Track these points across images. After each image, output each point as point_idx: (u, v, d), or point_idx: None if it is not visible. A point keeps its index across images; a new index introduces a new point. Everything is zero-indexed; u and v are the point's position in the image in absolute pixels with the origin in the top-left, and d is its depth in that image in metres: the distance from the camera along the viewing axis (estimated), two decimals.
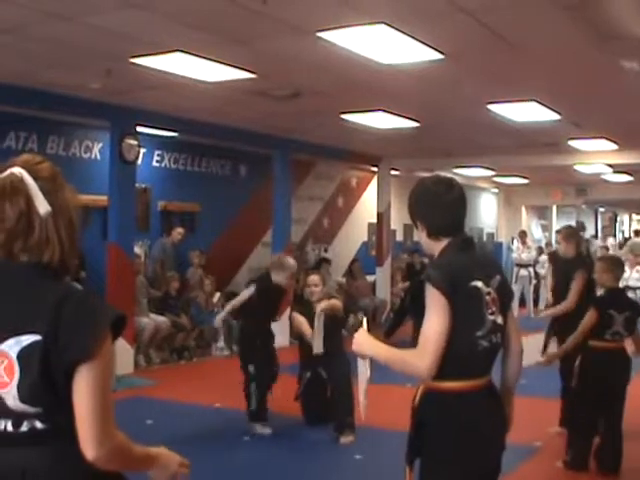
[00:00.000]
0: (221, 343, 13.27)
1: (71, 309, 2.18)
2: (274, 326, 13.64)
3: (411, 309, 3.44)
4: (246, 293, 8.45)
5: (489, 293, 3.34)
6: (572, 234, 8.24)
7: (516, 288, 20.04)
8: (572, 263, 7.97)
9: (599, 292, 7.57)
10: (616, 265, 6.97)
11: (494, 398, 3.44)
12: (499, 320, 3.38)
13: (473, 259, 3.47)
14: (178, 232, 13.77)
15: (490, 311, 3.33)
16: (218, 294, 13.69)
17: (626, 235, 31.77)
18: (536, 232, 28.49)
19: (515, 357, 3.59)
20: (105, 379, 2.21)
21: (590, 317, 6.63)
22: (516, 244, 21.12)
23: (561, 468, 6.84)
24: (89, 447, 2.19)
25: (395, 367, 3.32)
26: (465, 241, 3.50)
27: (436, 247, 3.46)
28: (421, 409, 3.40)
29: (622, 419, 6.73)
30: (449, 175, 3.70)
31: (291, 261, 8.55)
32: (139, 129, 11.65)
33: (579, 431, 6.80)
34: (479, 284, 3.31)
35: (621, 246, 25.06)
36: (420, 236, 3.54)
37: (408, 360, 3.27)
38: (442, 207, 3.44)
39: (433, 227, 3.46)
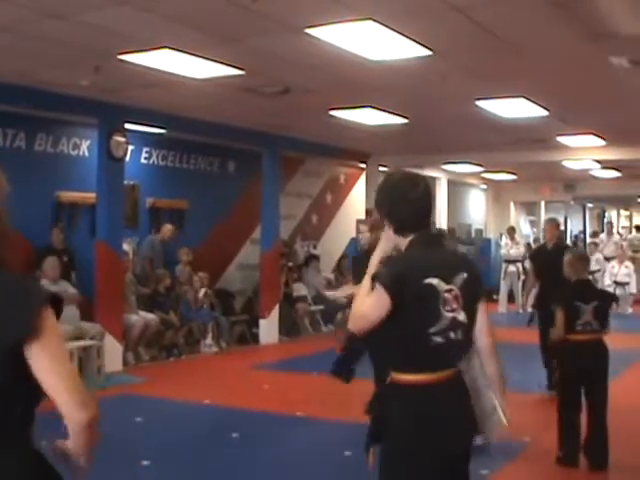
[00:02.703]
0: (209, 340, 13.27)
1: (1, 294, 2.24)
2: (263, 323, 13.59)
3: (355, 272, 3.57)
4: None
5: (449, 290, 3.39)
6: None
7: (504, 284, 20.12)
8: None
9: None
10: (580, 259, 7.03)
11: (456, 391, 3.49)
12: (460, 317, 3.42)
13: (433, 256, 3.50)
14: (168, 229, 13.72)
15: (449, 308, 3.38)
16: (203, 290, 13.63)
17: (614, 231, 31.77)
18: (524, 228, 28.53)
19: (484, 355, 3.63)
20: (62, 351, 2.30)
21: (559, 315, 6.71)
22: (505, 240, 21.15)
23: (550, 463, 6.86)
24: (76, 410, 2.27)
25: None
26: (429, 237, 3.58)
27: (402, 243, 3.53)
28: (379, 399, 3.54)
29: (605, 414, 6.72)
30: (415, 171, 3.78)
31: None
32: (127, 126, 11.63)
33: (565, 426, 6.81)
34: (434, 281, 3.36)
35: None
36: (388, 233, 3.59)
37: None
38: (406, 204, 3.50)
39: (398, 223, 3.52)
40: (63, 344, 2.35)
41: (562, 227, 12.06)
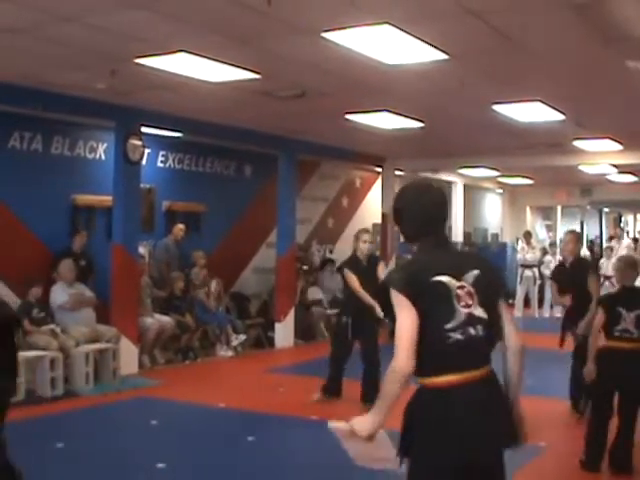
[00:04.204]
0: (235, 341, 13.31)
1: None
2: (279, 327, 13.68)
3: (385, 312, 3.55)
4: None
5: (461, 287, 3.42)
6: None
7: (521, 288, 20.06)
8: None
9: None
10: (628, 265, 7.01)
11: (488, 394, 3.45)
12: (477, 312, 3.43)
13: (442, 256, 3.56)
14: (179, 228, 13.69)
15: (463, 304, 3.40)
16: (214, 285, 13.69)
17: (631, 236, 31.64)
18: (540, 233, 28.44)
19: (512, 354, 3.59)
20: None
21: (598, 316, 6.69)
22: (521, 245, 21.09)
23: (566, 468, 6.83)
24: None
25: (392, 390, 3.35)
26: (436, 240, 3.60)
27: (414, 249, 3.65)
28: (408, 406, 3.49)
29: (635, 420, 6.69)
30: (429, 180, 3.86)
31: None
32: (144, 129, 11.65)
33: (592, 430, 6.78)
34: (445, 279, 3.40)
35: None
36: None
37: (388, 371, 3.36)
38: (413, 215, 3.60)
39: (407, 231, 3.66)
40: None
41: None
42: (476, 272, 3.49)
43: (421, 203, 3.58)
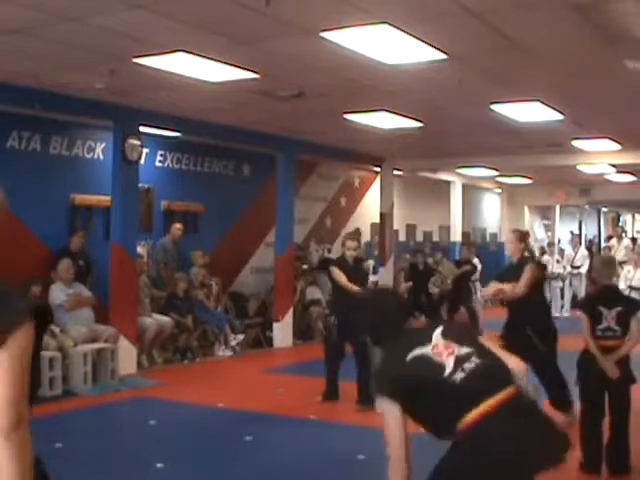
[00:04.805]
0: (233, 342, 13.32)
1: None
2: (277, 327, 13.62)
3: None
4: None
5: (434, 347, 3.60)
6: None
7: None
8: None
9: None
10: (605, 264, 7.04)
11: (516, 414, 3.44)
12: (462, 351, 3.56)
13: (405, 341, 3.74)
14: (177, 228, 13.67)
15: (445, 354, 3.56)
16: (215, 286, 13.69)
17: (629, 236, 31.63)
18: (539, 232, 28.43)
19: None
20: (16, 369, 2.17)
21: (584, 321, 6.69)
22: None
23: (566, 469, 6.80)
24: None
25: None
26: (395, 330, 3.84)
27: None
28: (443, 461, 3.57)
29: (628, 418, 6.68)
30: (383, 288, 4.26)
31: None
32: (142, 129, 11.65)
33: (586, 431, 6.77)
34: (417, 352, 3.59)
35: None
36: None
37: (389, 466, 3.58)
38: (374, 323, 3.97)
39: (373, 339, 4.17)
40: (23, 363, 2.26)
41: (529, 237, 11.71)
42: (439, 329, 3.69)
43: (378, 314, 3.93)
